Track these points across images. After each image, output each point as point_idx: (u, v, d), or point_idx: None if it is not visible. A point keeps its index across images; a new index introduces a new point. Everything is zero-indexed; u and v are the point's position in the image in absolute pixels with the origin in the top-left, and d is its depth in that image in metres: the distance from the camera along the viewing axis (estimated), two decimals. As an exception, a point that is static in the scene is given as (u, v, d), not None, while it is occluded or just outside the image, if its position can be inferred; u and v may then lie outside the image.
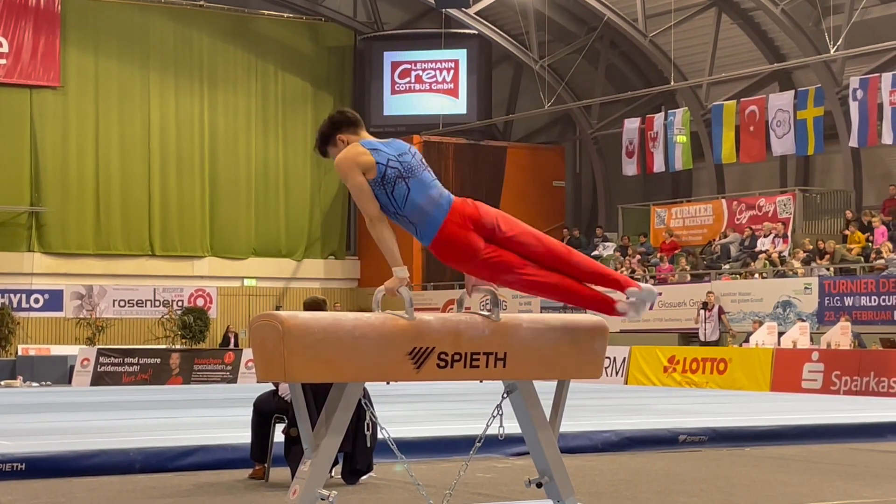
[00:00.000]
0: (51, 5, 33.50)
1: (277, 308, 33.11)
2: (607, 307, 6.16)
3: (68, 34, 33.86)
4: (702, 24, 32.26)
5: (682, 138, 31.51)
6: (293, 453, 9.35)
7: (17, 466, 10.06)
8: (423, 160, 6.29)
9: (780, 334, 25.33)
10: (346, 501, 8.65)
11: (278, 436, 9.84)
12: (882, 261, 25.80)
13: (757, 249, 29.11)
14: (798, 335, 24.73)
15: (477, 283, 6.27)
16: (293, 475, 7.63)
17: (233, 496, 9.27)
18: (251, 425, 10.02)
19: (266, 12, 36.56)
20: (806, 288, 26.15)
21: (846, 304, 25.26)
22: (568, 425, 9.02)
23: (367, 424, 6.48)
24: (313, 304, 9.51)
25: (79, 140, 34.10)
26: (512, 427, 6.50)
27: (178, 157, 35.21)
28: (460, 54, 36.83)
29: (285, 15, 36.81)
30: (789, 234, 29.07)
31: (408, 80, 37.13)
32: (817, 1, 28.76)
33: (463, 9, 34.94)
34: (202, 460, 10.70)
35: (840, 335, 23.91)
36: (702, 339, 27.15)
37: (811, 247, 27.73)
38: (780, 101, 29.58)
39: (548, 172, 37.83)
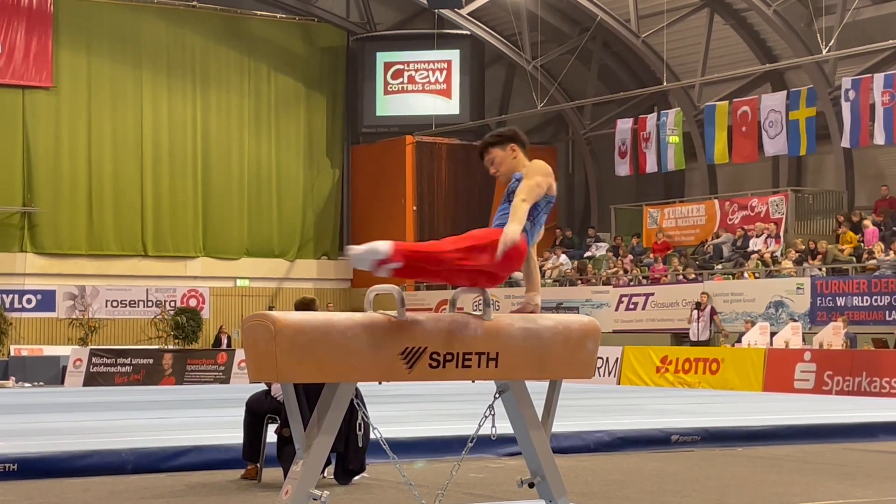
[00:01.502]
0: (43, 6, 33.47)
1: (270, 308, 33.08)
2: None
3: (61, 34, 33.84)
4: (694, 25, 32.29)
5: (674, 139, 31.53)
6: (285, 453, 9.34)
7: (9, 467, 10.05)
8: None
9: (773, 334, 25.35)
10: (338, 501, 8.65)
11: (271, 436, 9.84)
12: (874, 261, 25.83)
13: (749, 250, 29.13)
14: (790, 335, 24.76)
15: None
16: (285, 475, 7.63)
17: (225, 496, 9.26)
18: (243, 425, 10.01)
19: (259, 13, 36.55)
20: (798, 288, 26.18)
21: (838, 305, 25.29)
22: (560, 425, 9.02)
23: (360, 424, 6.49)
24: (303, 305, 9.50)
25: (71, 140, 34.07)
26: (504, 427, 6.50)
27: (171, 157, 35.20)
28: (453, 55, 36.84)
29: (278, 15, 36.80)
30: (781, 234, 29.10)
31: (400, 80, 37.13)
32: (809, 2, 28.80)
33: (455, 9, 34.96)
34: (194, 461, 10.69)
35: (832, 335, 23.93)
36: (692, 338, 27.17)
37: (803, 247, 27.76)
38: (772, 102, 29.62)
39: (540, 173, 37.77)
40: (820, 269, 26.82)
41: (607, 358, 27.10)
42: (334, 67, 37.61)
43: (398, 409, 16.79)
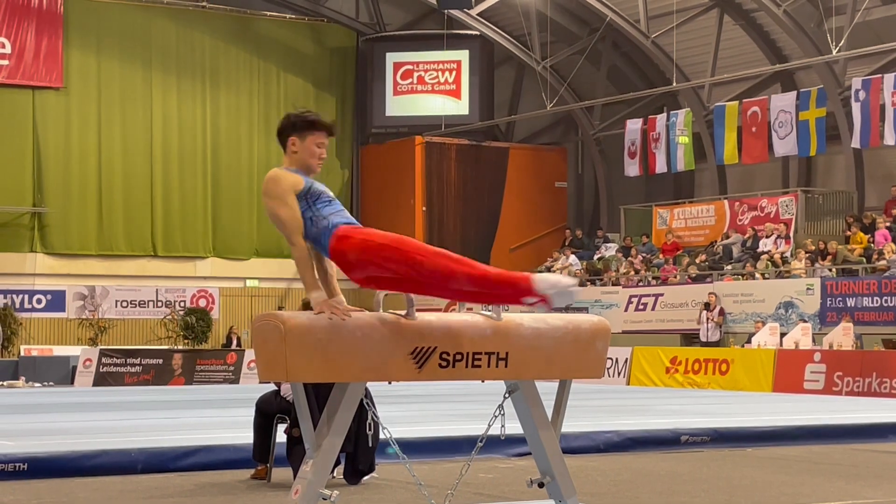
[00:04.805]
0: (53, 6, 33.52)
1: (280, 309, 33.10)
2: None
3: (71, 35, 33.88)
4: (704, 25, 32.25)
5: (684, 139, 31.50)
6: (295, 453, 9.35)
7: (19, 467, 10.07)
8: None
9: (782, 335, 25.32)
10: (348, 501, 8.65)
11: (280, 436, 9.84)
12: (884, 262, 25.78)
13: (759, 250, 29.10)
14: (800, 336, 24.73)
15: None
16: (295, 475, 7.63)
17: (234, 496, 9.27)
18: (253, 426, 10.02)
19: (268, 13, 36.58)
20: (808, 289, 26.15)
21: (848, 305, 25.25)
22: (570, 426, 9.02)
23: (369, 424, 6.48)
24: (310, 305, 9.46)
25: (81, 141, 34.11)
26: (514, 427, 6.50)
27: (181, 157, 35.23)
28: (462, 55, 36.82)
29: (287, 16, 36.82)
30: (791, 234, 29.06)
31: (410, 80, 37.13)
32: (819, 2, 28.75)
33: (465, 10, 34.95)
34: (204, 461, 10.70)
35: (842, 336, 23.90)
36: (703, 339, 27.15)
37: (813, 247, 27.72)
38: (782, 102, 29.58)
39: (550, 173, 37.83)
40: (830, 270, 26.79)
41: (617, 358, 27.09)
42: (344, 68, 37.62)
43: (408, 409, 16.80)
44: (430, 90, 37.09)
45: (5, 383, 28.71)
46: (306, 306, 9.44)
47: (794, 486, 9.85)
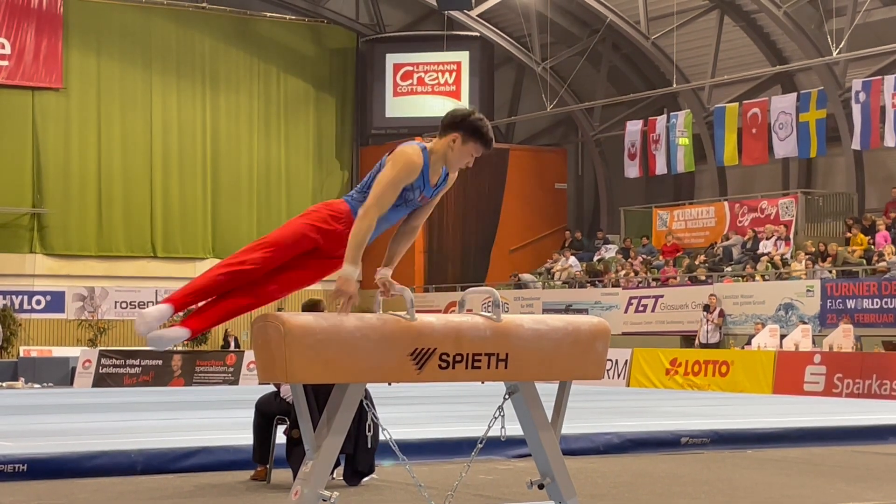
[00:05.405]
0: (53, 7, 33.52)
1: (279, 309, 33.07)
2: None
3: (71, 36, 33.89)
4: (704, 27, 32.25)
5: (684, 140, 31.48)
6: (295, 455, 9.34)
7: (18, 468, 10.06)
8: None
9: (783, 337, 25.30)
10: (347, 503, 8.64)
11: (280, 437, 9.84)
12: (884, 263, 25.77)
13: (759, 252, 29.08)
14: (800, 338, 24.71)
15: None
16: (295, 477, 7.62)
17: (234, 497, 9.26)
18: (253, 427, 10.02)
19: (268, 14, 36.58)
20: (808, 290, 26.14)
21: (848, 307, 25.23)
22: (570, 427, 9.01)
23: (369, 426, 6.47)
24: (310, 306, 9.48)
25: (81, 142, 34.12)
26: (514, 429, 6.49)
27: (181, 158, 35.24)
28: (462, 56, 36.83)
29: (287, 17, 36.82)
30: (791, 236, 29.05)
31: (410, 82, 37.13)
32: (820, 3, 28.73)
33: (465, 11, 34.95)
34: (204, 462, 10.69)
35: (842, 338, 23.88)
36: (701, 340, 27.13)
37: (813, 249, 27.71)
38: (782, 104, 29.56)
39: (550, 174, 37.82)
40: (830, 272, 26.77)
41: (617, 360, 27.07)
42: (344, 69, 37.63)
43: (407, 411, 16.79)
44: (430, 91, 37.09)
45: (5, 384, 28.71)
46: (305, 308, 9.46)
47: (795, 488, 9.84)
